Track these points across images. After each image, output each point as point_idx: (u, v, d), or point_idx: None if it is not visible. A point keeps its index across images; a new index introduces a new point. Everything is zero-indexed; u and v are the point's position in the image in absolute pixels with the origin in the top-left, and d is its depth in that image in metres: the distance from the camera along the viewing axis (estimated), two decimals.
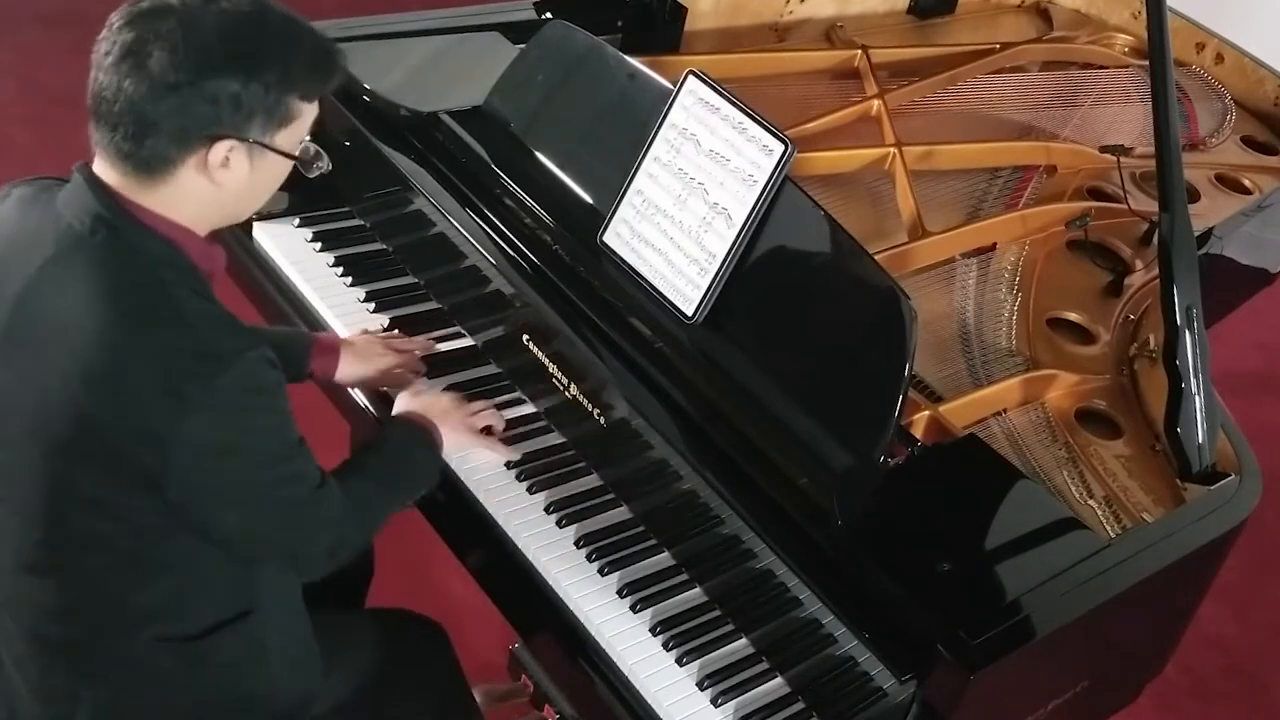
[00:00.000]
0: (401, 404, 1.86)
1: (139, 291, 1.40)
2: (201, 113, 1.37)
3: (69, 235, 1.41)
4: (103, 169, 1.44)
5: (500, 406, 1.96)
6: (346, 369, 1.92)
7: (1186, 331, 1.88)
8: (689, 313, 1.79)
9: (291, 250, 2.16)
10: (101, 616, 1.51)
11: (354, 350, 1.93)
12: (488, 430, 1.88)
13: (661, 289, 1.82)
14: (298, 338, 1.93)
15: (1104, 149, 2.46)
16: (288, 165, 1.49)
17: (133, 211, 1.42)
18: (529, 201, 1.95)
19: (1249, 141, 2.82)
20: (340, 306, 2.09)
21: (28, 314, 1.42)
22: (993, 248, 2.25)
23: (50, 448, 1.41)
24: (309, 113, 1.48)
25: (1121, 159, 2.41)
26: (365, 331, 2.01)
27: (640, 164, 1.85)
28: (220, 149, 1.40)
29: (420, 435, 1.79)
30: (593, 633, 1.70)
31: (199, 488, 1.42)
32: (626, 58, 1.98)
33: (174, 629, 1.53)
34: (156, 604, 1.51)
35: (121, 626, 1.52)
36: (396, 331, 2.03)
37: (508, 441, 1.89)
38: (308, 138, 1.51)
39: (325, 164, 1.53)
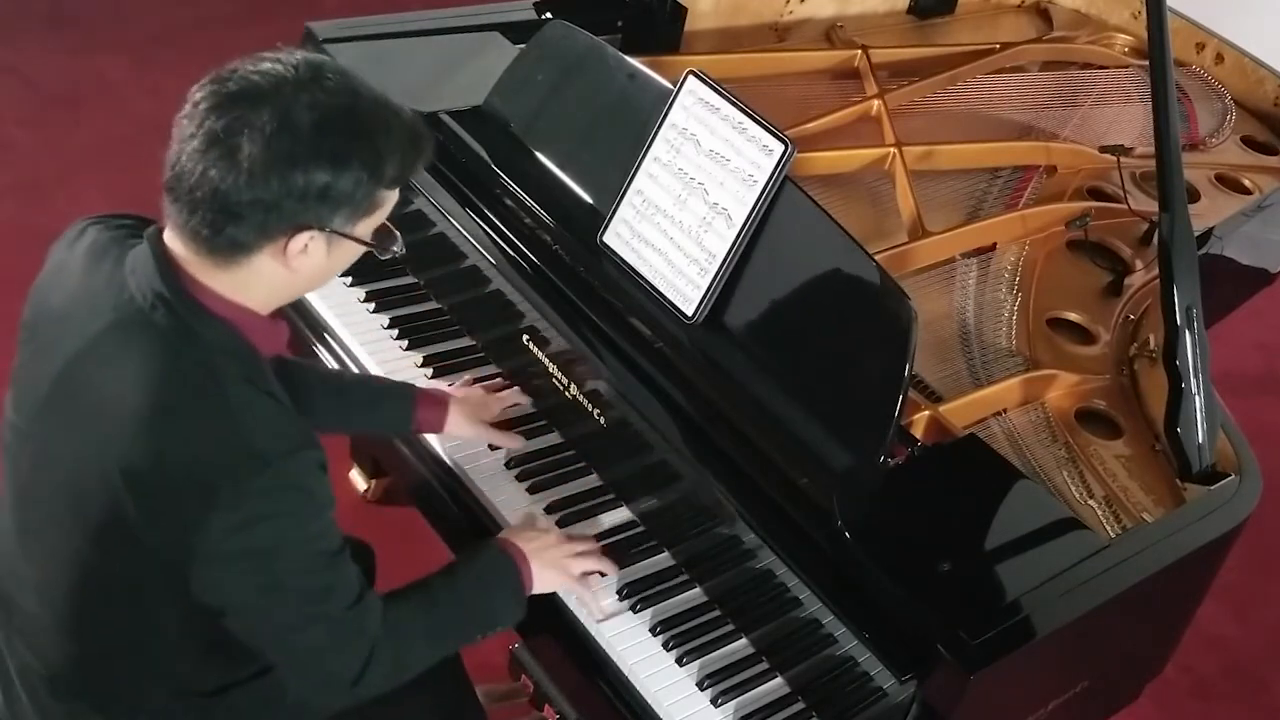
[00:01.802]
0: (505, 530, 1.75)
1: (189, 380, 1.35)
2: (288, 206, 1.33)
3: (129, 307, 1.37)
4: (173, 240, 1.39)
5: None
6: (455, 423, 1.87)
7: (1186, 331, 1.88)
8: (689, 313, 1.79)
9: None
10: (118, 668, 1.51)
11: (463, 405, 1.88)
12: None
13: (661, 289, 1.82)
14: (399, 391, 1.88)
15: (1104, 149, 2.46)
16: (362, 247, 1.44)
17: (195, 293, 1.38)
18: (529, 201, 1.95)
19: (1249, 141, 2.82)
20: (340, 306, 2.09)
21: (76, 379, 1.39)
22: (993, 248, 2.25)
23: (80, 520, 1.39)
24: (392, 199, 1.43)
25: (1121, 159, 2.41)
26: (466, 383, 1.96)
27: (640, 164, 1.85)
28: (301, 239, 1.36)
29: (507, 572, 1.65)
30: (593, 633, 1.70)
31: (217, 590, 1.38)
32: (626, 58, 1.98)
33: (191, 686, 1.53)
34: (174, 664, 1.50)
35: (138, 678, 1.51)
36: (497, 382, 1.98)
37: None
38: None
39: (400, 247, 1.47)
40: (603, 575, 1.74)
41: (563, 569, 1.70)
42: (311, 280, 1.44)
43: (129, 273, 1.39)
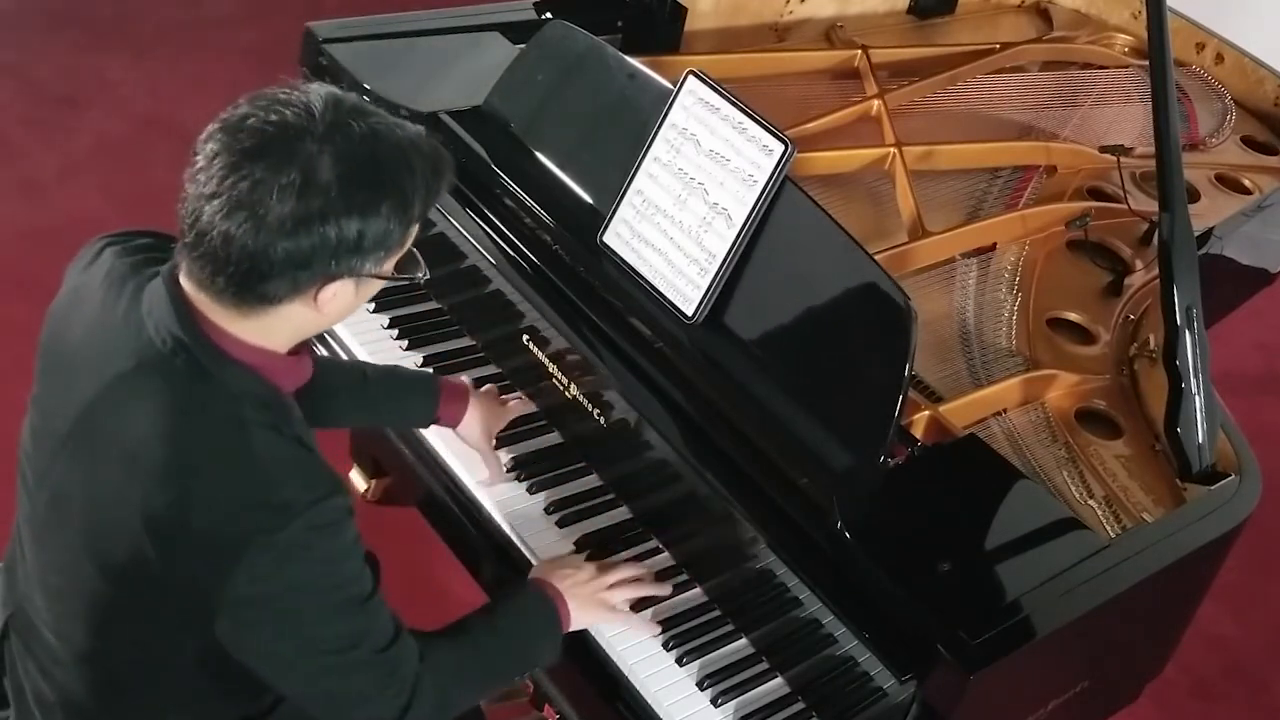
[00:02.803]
0: (537, 568, 1.74)
1: (213, 430, 1.34)
2: (319, 261, 1.30)
3: (149, 351, 1.35)
4: (192, 287, 1.35)
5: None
6: (469, 424, 1.87)
7: (1186, 331, 1.88)
8: (689, 313, 1.79)
9: None
10: (134, 701, 1.50)
11: (480, 405, 1.88)
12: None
13: (661, 289, 1.82)
14: (422, 382, 1.88)
15: (1104, 149, 2.46)
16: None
17: (215, 339, 1.35)
18: (529, 201, 1.95)
19: (1249, 141, 2.82)
20: None
21: (95, 424, 1.37)
22: (993, 248, 2.25)
23: (99, 562, 1.38)
24: (416, 229, 1.41)
25: (1121, 159, 2.41)
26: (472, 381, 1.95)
27: (640, 164, 1.85)
28: (332, 287, 1.34)
29: (544, 614, 1.65)
30: (592, 633, 1.70)
31: (245, 639, 1.37)
32: (626, 58, 1.98)
33: (208, 718, 1.53)
34: (190, 699, 1.50)
35: (154, 711, 1.51)
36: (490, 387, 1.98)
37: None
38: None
39: (424, 272, 1.44)
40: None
41: (600, 603, 1.69)
42: (338, 318, 1.42)
43: (146, 314, 1.36)
